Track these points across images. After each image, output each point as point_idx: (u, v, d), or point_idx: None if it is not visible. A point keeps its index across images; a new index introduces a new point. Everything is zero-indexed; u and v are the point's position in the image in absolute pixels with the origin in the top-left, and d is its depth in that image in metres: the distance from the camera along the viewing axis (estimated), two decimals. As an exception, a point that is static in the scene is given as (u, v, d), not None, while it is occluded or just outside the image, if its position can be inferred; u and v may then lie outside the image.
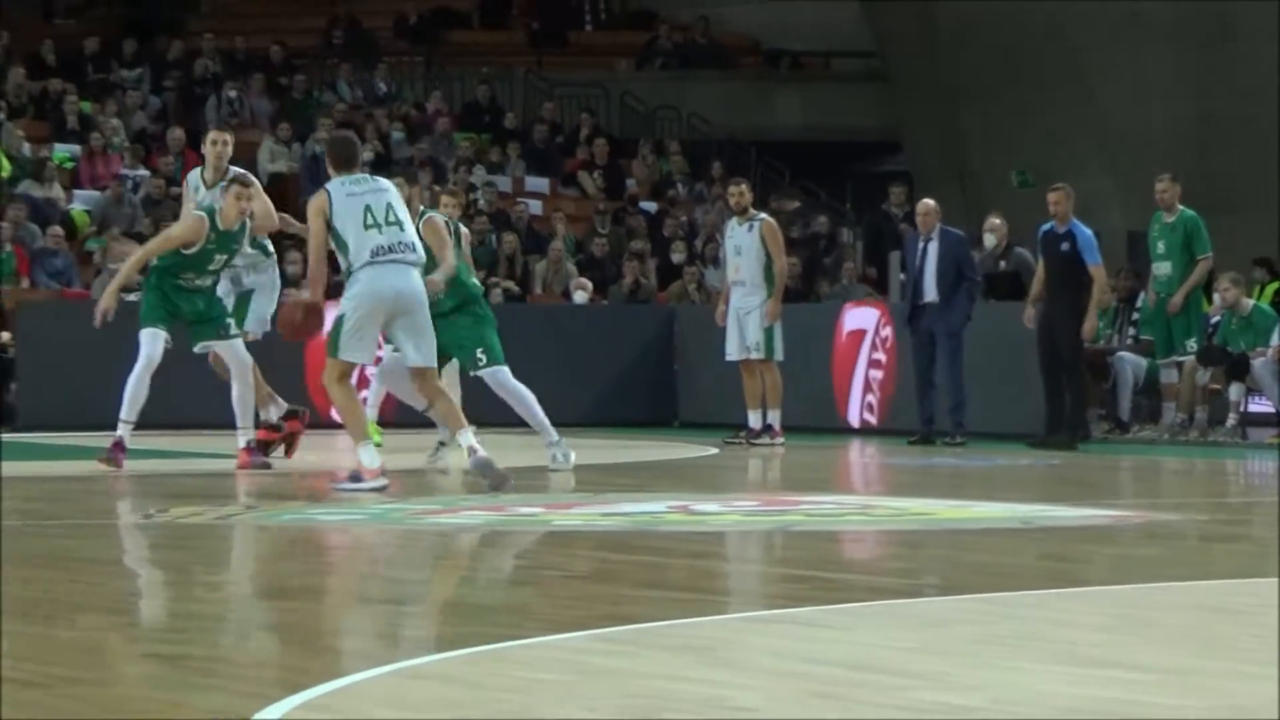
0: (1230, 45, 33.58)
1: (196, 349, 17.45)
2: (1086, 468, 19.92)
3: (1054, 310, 21.20)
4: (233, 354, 17.18)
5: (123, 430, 17.01)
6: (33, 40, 35.09)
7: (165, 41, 35.70)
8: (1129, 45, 33.51)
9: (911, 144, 36.54)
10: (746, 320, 21.15)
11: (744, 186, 21.72)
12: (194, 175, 17.99)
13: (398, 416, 20.87)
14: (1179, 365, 22.81)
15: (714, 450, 21.05)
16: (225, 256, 16.60)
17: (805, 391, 23.56)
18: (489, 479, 14.32)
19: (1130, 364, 23.80)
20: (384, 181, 15.16)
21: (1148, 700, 6.03)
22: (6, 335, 24.98)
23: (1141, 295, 23.99)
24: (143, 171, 30.29)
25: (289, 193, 27.28)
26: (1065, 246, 21.17)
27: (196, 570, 10.82)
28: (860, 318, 24.39)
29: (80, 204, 29.45)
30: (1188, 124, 33.07)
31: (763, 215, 22.23)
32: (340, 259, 14.54)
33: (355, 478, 14.88)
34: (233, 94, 32.81)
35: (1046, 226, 21.46)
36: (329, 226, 14.16)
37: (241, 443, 17.58)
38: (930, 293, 21.11)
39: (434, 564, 11.54)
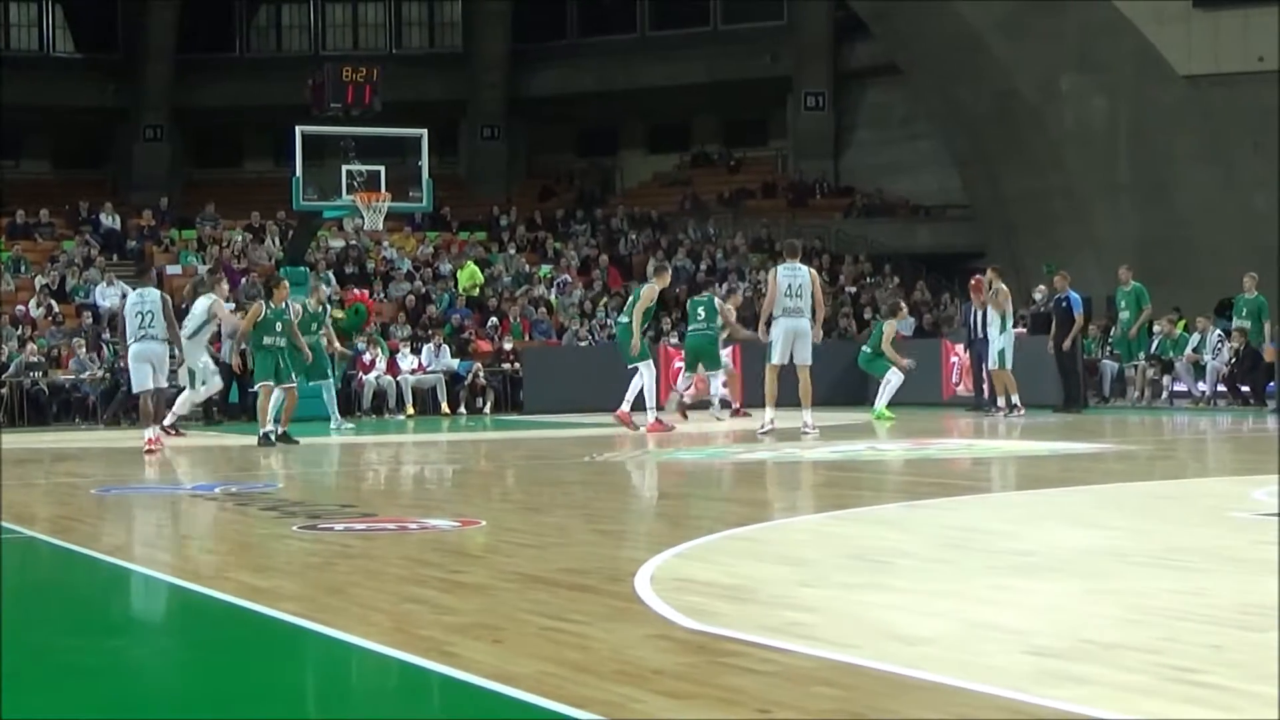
0: (1166, 202, 36.97)
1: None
2: (1085, 422, 22.87)
3: (1060, 338, 26.21)
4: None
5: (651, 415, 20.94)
6: (528, 209, 44.33)
7: (599, 209, 44.66)
8: (1109, 206, 37.69)
9: (990, 254, 39.21)
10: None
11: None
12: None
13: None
14: (1136, 366, 28.70)
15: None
16: None
17: (927, 380, 28.27)
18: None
19: (1109, 366, 29.53)
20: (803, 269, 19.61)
21: (1120, 543, 8.18)
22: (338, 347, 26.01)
23: (1113, 329, 29.68)
24: (565, 276, 37.48)
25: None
26: (1065, 304, 26.25)
27: (616, 486, 13.94)
28: (959, 345, 29.49)
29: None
30: (1137, 242, 36.15)
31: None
32: None
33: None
34: (633, 236, 41.73)
35: (1058, 294, 26.52)
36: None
37: (650, 418, 21.26)
38: (976, 330, 26.40)
39: (734, 480, 14.06)
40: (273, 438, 20.06)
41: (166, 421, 21.78)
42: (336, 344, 25.22)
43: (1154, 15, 35.89)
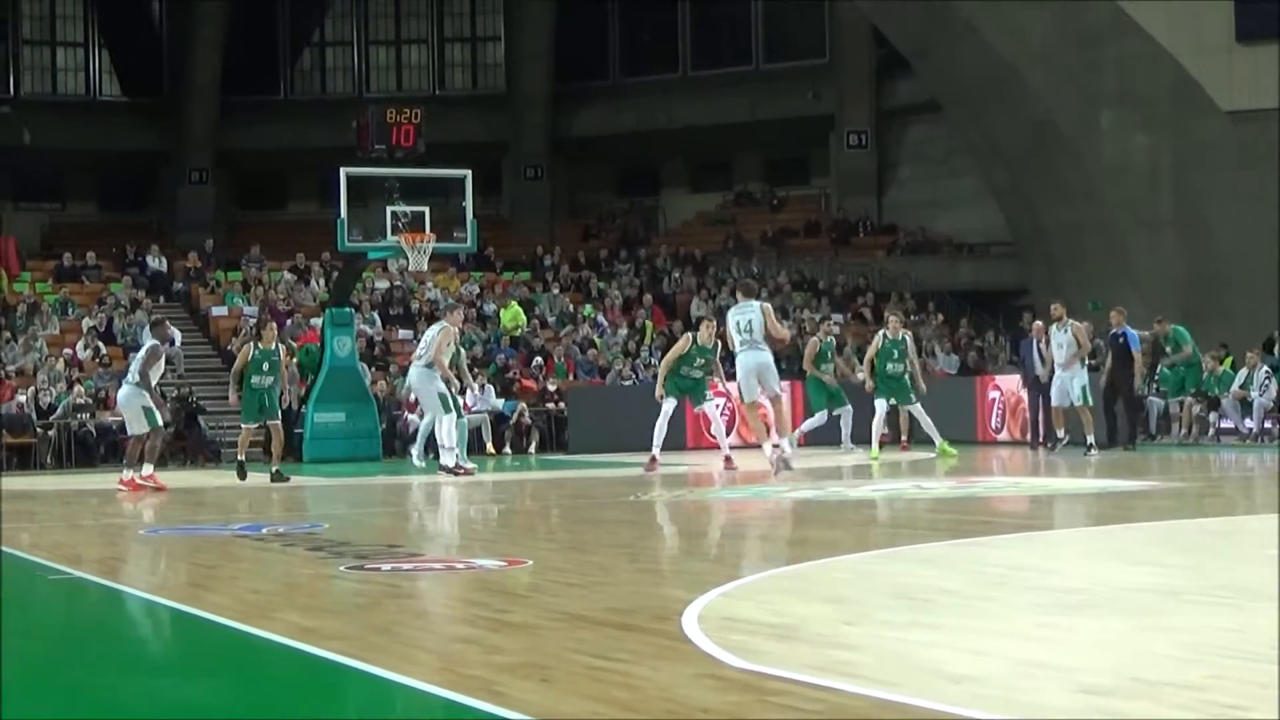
0: (1207, 237, 36.33)
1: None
2: (1133, 459, 22.85)
3: (1116, 374, 25.98)
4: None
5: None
6: (571, 248, 44.58)
7: (642, 249, 44.87)
8: (1150, 242, 36.84)
9: (1033, 290, 39.73)
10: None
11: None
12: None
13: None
14: (1181, 403, 28.63)
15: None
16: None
17: (960, 418, 28.65)
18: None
19: (1155, 404, 29.14)
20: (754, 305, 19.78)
21: (1169, 581, 8.22)
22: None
23: (1159, 367, 29.27)
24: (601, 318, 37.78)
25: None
26: (1121, 340, 26.04)
27: (660, 525, 14.03)
28: (1003, 382, 30.21)
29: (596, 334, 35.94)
30: (1178, 277, 36.21)
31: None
32: None
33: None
34: (676, 276, 41.88)
35: (1114, 330, 26.14)
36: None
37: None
38: (1037, 367, 26.00)
39: (778, 519, 14.16)
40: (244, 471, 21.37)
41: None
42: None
43: (1194, 49, 35.63)
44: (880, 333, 25.76)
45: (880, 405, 24.95)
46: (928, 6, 37.92)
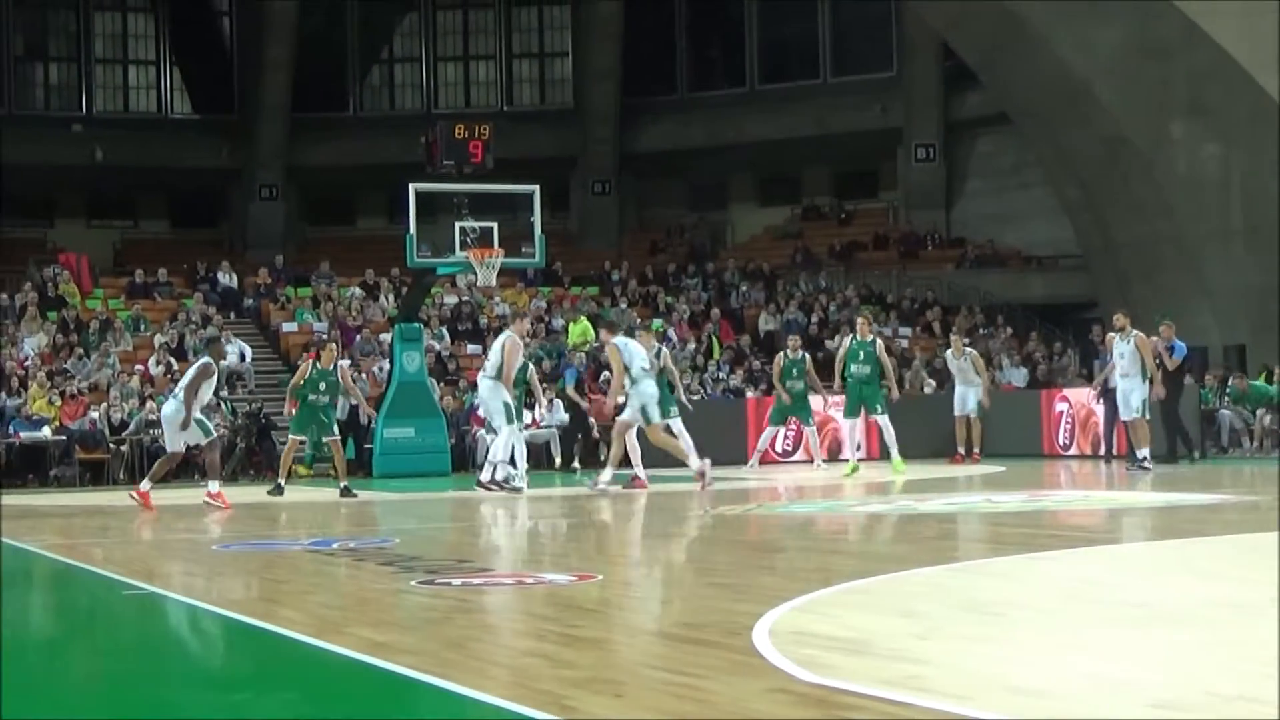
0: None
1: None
2: (1205, 473, 23.18)
3: (1169, 385, 25.51)
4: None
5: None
6: (639, 263, 44.64)
7: (710, 263, 44.80)
8: (1222, 254, 36.74)
9: (1102, 303, 39.63)
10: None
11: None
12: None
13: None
14: (1255, 414, 29.03)
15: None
16: None
17: (1026, 432, 29.54)
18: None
19: (1226, 416, 29.89)
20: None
21: (1241, 594, 8.16)
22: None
23: (1230, 379, 30.39)
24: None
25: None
26: (1171, 353, 26.01)
27: (729, 539, 14.06)
28: (1072, 395, 30.08)
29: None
30: (1251, 290, 36.08)
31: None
32: None
33: None
34: (744, 290, 41.93)
35: (1164, 343, 26.14)
36: None
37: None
38: (1111, 379, 25.14)
39: (848, 533, 14.22)
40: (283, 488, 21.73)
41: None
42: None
43: (1265, 59, 35.16)
44: (849, 335, 26.04)
45: (846, 423, 25.35)
46: (996, 19, 37.91)
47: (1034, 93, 39.46)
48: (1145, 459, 23.48)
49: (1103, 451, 26.87)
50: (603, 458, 30.30)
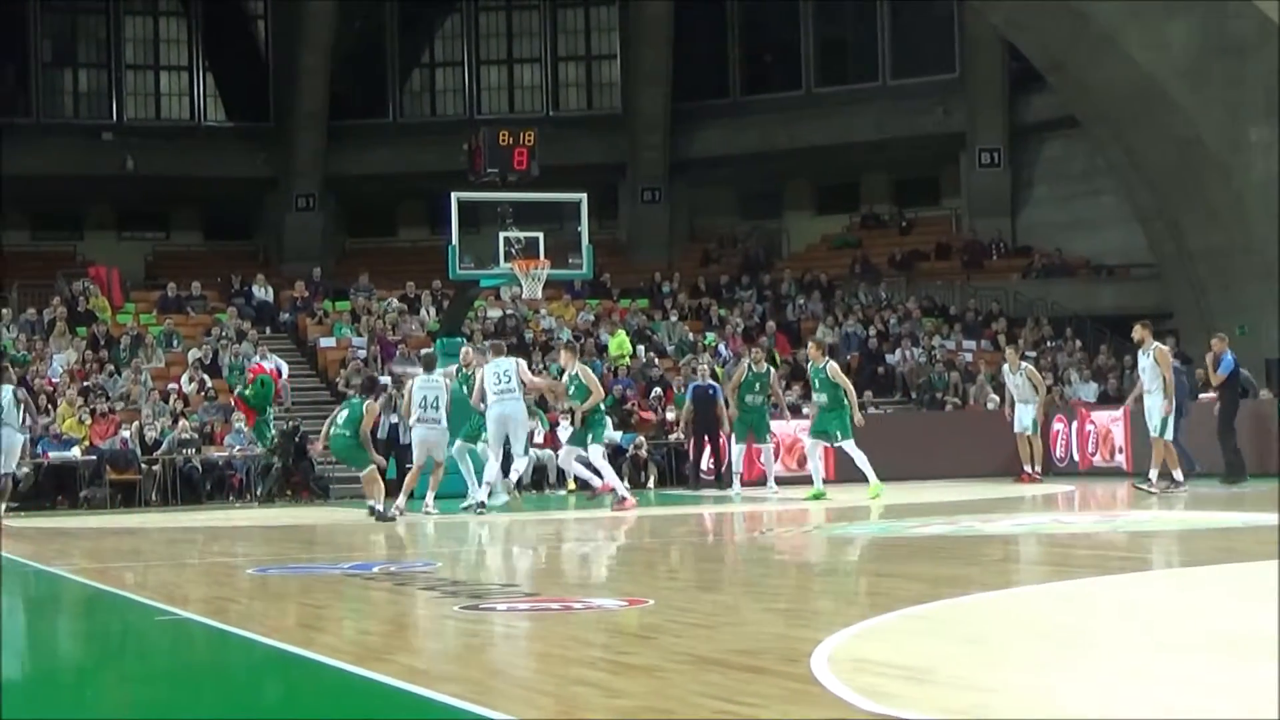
0: None
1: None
2: (1253, 493, 22.56)
3: (1222, 401, 26.14)
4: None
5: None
6: (691, 274, 44.82)
7: (765, 274, 45.00)
8: None
9: (1177, 314, 40.11)
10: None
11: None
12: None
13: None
14: None
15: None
16: None
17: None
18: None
19: None
20: None
21: None
22: None
23: None
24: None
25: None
26: (1218, 367, 25.99)
27: (785, 562, 14.56)
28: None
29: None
30: None
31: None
32: None
33: None
34: (801, 301, 42.12)
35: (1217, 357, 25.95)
36: None
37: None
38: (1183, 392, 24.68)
39: (909, 555, 14.09)
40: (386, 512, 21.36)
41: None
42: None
43: (1346, 57, 35.15)
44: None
45: (810, 442, 25.13)
46: (1064, 18, 37.84)
47: (1104, 95, 39.47)
48: (1151, 480, 23.16)
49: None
50: (648, 480, 30.59)
